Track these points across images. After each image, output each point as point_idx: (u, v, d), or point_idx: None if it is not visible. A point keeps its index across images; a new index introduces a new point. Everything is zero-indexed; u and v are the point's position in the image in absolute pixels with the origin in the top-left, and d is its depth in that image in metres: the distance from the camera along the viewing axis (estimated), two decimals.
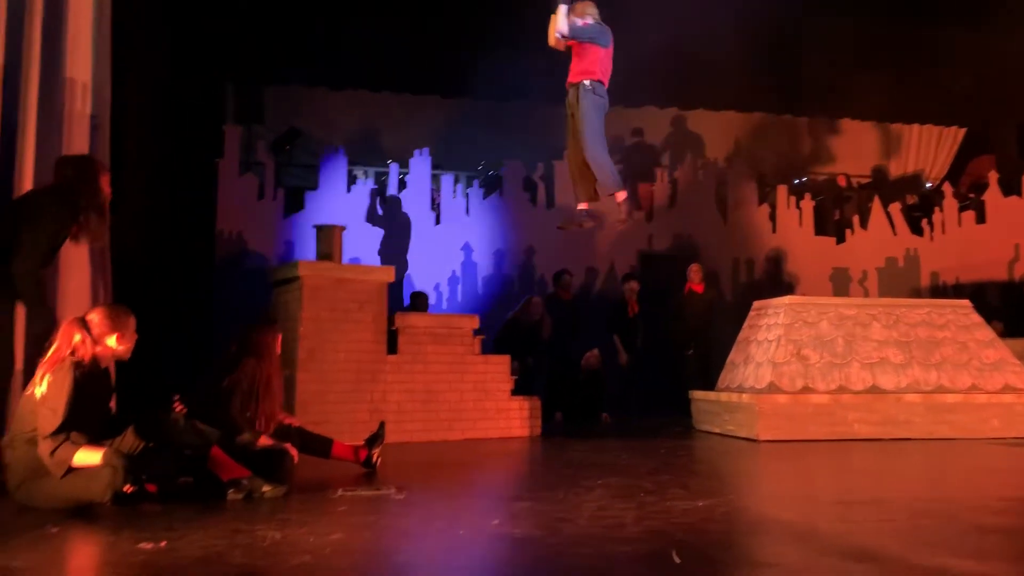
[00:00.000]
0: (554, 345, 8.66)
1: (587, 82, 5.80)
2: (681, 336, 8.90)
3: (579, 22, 5.78)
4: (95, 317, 3.61)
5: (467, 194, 10.89)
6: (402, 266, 10.07)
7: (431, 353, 6.39)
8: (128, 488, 3.33)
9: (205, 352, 8.48)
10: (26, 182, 4.67)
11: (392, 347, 6.25)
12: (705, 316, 8.87)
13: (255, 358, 4.23)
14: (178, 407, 3.84)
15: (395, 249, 10.17)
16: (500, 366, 6.68)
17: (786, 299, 7.03)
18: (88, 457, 3.34)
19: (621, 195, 5.80)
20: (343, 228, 6.42)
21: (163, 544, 2.70)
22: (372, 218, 10.26)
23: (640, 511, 3.32)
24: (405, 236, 10.35)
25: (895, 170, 12.92)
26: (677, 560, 2.53)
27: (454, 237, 10.58)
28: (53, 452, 3.31)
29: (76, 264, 5.01)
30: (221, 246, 9.96)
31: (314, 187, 10.44)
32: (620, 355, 8.90)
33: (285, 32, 10.18)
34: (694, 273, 9.10)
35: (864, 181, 12.37)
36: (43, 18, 4.92)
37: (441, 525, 3.09)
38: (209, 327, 9.12)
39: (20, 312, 4.68)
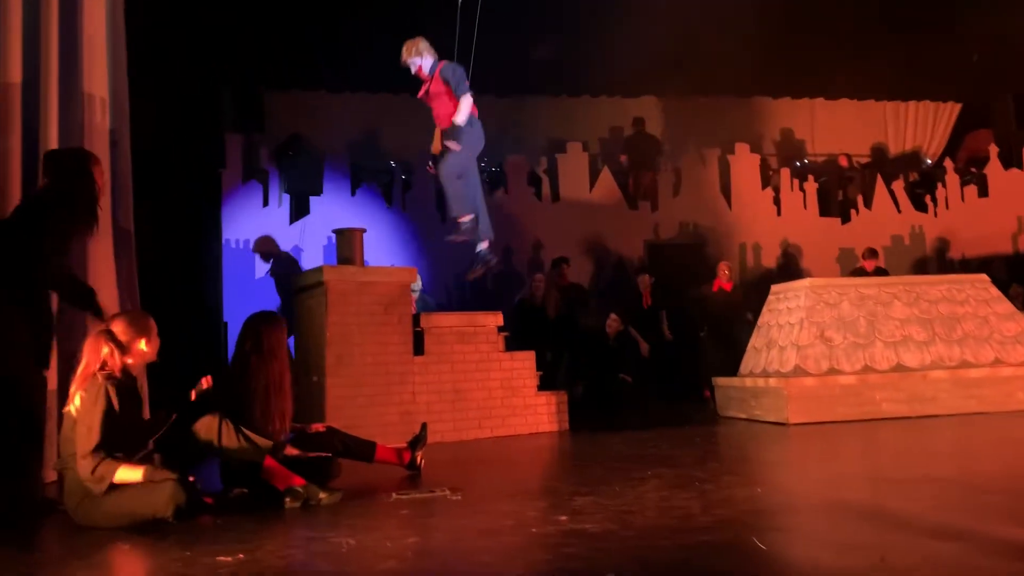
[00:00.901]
0: (563, 329, 8.80)
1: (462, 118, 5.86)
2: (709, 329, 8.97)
3: (421, 62, 5.85)
4: (118, 327, 3.59)
5: None
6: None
7: (457, 352, 6.37)
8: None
9: (218, 363, 8.46)
10: None
11: (418, 348, 6.23)
12: (731, 313, 8.92)
13: (262, 356, 4.19)
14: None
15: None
16: (526, 362, 6.67)
17: (806, 281, 7.05)
18: (129, 475, 3.32)
19: (465, 218, 5.89)
20: (363, 231, 6.39)
21: (241, 556, 2.68)
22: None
23: (703, 500, 3.32)
24: None
25: (894, 148, 12.97)
26: (763, 547, 2.53)
27: None
28: (94, 470, 3.28)
29: (104, 281, 4.98)
30: (229, 255, 9.92)
31: (318, 192, 10.39)
32: (641, 345, 8.93)
33: (281, 37, 10.11)
34: (722, 271, 9.17)
35: (865, 160, 12.40)
36: (59, 34, 4.89)
37: (510, 524, 3.08)
38: (222, 338, 9.11)
39: (51, 328, 4.68)
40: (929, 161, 12.73)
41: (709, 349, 8.84)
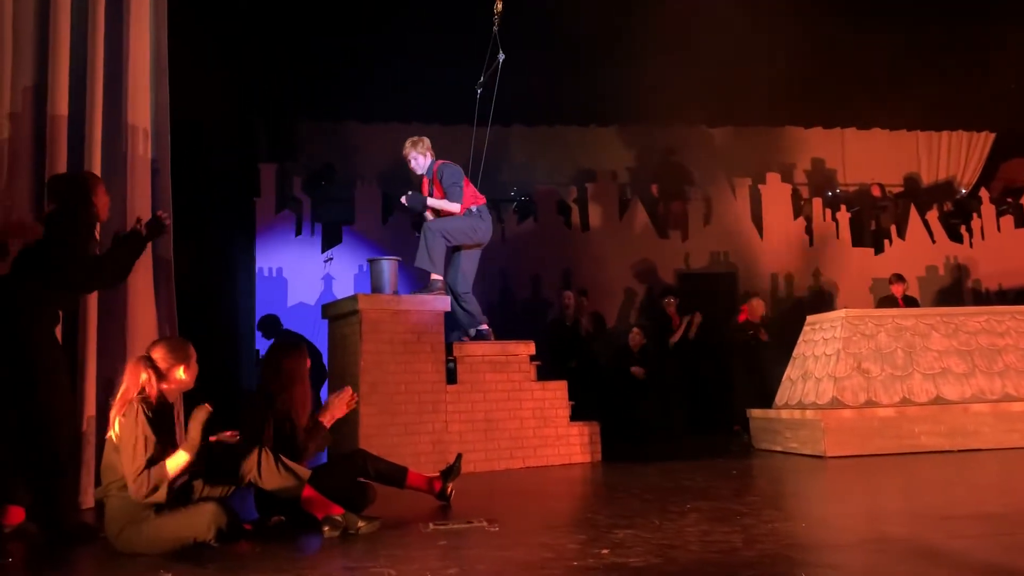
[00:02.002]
0: (587, 347, 8.98)
1: (474, 208, 6.27)
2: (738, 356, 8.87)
3: (422, 160, 6.34)
4: (158, 353, 3.60)
5: (502, 220, 10.90)
6: None
7: (490, 381, 6.35)
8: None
9: (250, 389, 8.53)
10: None
11: (451, 377, 6.22)
12: (758, 346, 8.83)
13: (282, 383, 4.21)
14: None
15: None
16: (558, 392, 6.63)
17: (841, 312, 6.96)
18: (176, 460, 3.34)
19: (435, 277, 6.19)
20: (398, 260, 6.42)
21: None
22: None
23: (746, 535, 3.26)
24: None
25: (927, 178, 12.86)
26: None
27: (490, 263, 10.56)
28: (148, 486, 3.28)
29: (143, 308, 5.04)
30: (262, 284, 10.03)
31: (350, 221, 10.49)
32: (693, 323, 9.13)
33: (314, 69, 10.28)
34: (755, 307, 9.10)
35: (897, 190, 12.31)
36: (104, 68, 5.01)
37: (551, 557, 3.04)
38: (254, 365, 9.16)
39: (91, 355, 4.74)
40: (963, 191, 12.60)
41: (739, 382, 8.72)
